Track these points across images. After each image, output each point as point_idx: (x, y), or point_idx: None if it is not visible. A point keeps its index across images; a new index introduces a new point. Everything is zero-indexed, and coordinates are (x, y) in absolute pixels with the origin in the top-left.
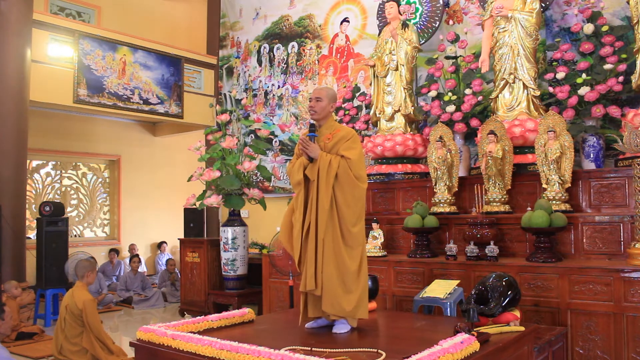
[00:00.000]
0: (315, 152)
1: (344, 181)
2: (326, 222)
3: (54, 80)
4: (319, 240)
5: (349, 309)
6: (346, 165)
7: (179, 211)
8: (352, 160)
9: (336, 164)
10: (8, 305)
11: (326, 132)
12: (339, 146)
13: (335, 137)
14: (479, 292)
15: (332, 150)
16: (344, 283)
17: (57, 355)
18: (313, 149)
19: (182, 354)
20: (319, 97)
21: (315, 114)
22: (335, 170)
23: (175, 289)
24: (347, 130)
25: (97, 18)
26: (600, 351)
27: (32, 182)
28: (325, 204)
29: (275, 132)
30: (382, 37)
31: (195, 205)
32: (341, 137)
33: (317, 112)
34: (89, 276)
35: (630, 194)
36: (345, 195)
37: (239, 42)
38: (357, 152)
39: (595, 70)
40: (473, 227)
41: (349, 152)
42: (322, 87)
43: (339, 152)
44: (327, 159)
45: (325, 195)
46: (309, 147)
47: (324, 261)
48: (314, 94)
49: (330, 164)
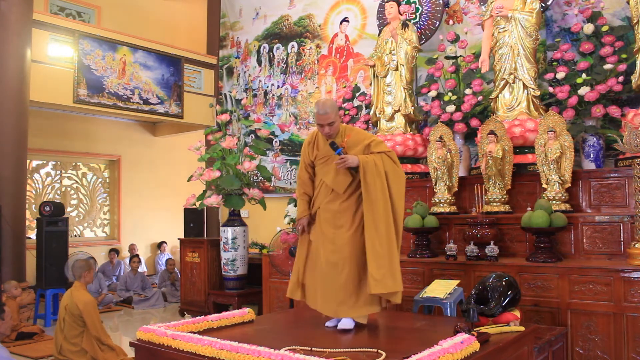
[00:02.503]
0: (354, 160)
1: (392, 172)
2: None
3: (54, 80)
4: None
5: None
6: (388, 159)
7: (179, 211)
8: (392, 152)
9: (381, 162)
10: (8, 305)
11: (339, 140)
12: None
13: (349, 143)
14: (479, 292)
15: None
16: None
17: (57, 356)
18: (351, 159)
19: (182, 354)
20: (330, 122)
21: (332, 136)
22: (383, 169)
23: (175, 289)
24: (354, 132)
25: (97, 18)
26: (600, 351)
27: (32, 182)
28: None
29: (275, 132)
30: (382, 37)
31: (195, 205)
32: (356, 141)
33: (333, 132)
34: (87, 276)
35: (630, 194)
36: (398, 187)
37: (238, 42)
38: (385, 143)
39: (595, 70)
40: (473, 227)
41: (381, 146)
42: (327, 110)
43: (373, 151)
44: (370, 161)
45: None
46: (347, 160)
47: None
48: (325, 120)
49: (375, 164)
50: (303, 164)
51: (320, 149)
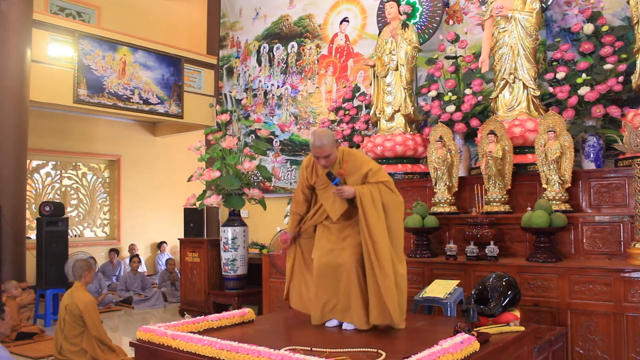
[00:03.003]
0: (350, 192)
1: (389, 203)
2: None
3: (54, 80)
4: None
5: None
6: (386, 189)
7: (179, 211)
8: (390, 181)
9: (377, 193)
10: (8, 305)
11: (337, 167)
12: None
13: (348, 170)
14: (479, 292)
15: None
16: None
17: (57, 356)
18: (347, 191)
19: (182, 354)
20: (326, 154)
21: (329, 166)
22: (379, 200)
23: (175, 289)
24: (356, 156)
25: (97, 18)
26: (600, 351)
27: (32, 182)
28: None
29: (276, 132)
30: (382, 37)
31: (195, 205)
32: (355, 167)
33: (330, 164)
34: (87, 276)
35: (630, 194)
36: (396, 216)
37: (238, 42)
38: (383, 171)
39: (595, 70)
40: (473, 227)
41: (379, 175)
42: (323, 141)
43: (369, 181)
44: (367, 193)
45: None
46: (344, 192)
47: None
48: (320, 153)
49: (372, 196)
50: (300, 186)
51: (320, 176)
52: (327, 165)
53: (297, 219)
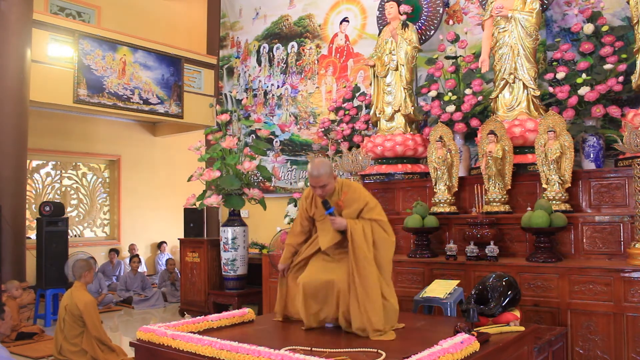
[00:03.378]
0: (342, 224)
1: (380, 242)
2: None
3: (54, 80)
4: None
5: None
6: (379, 228)
7: (179, 211)
8: (384, 221)
9: (370, 230)
10: (8, 305)
11: (335, 198)
12: (356, 210)
13: (346, 201)
14: (479, 292)
15: (349, 213)
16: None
17: (57, 356)
18: (340, 223)
19: (182, 354)
20: (322, 185)
21: (325, 197)
22: (371, 237)
23: (175, 289)
24: (355, 189)
25: (97, 18)
26: (600, 351)
27: (32, 182)
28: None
29: (276, 132)
30: (382, 37)
31: (195, 205)
32: (353, 199)
33: (326, 194)
34: (87, 276)
35: (630, 194)
36: (385, 254)
37: (238, 42)
38: (380, 209)
39: (595, 70)
40: (473, 227)
41: (374, 213)
42: (320, 171)
43: (363, 216)
44: (359, 228)
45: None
46: (335, 222)
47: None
48: (317, 183)
49: (364, 232)
50: (300, 217)
51: (318, 207)
52: (323, 196)
53: (291, 251)
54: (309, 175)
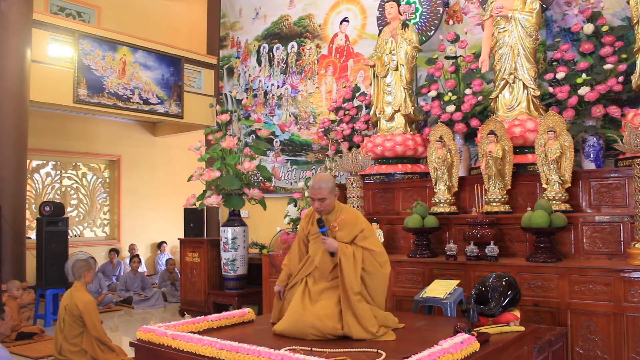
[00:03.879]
0: (333, 245)
1: (371, 271)
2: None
3: (54, 80)
4: None
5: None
6: (371, 257)
7: (179, 211)
8: (376, 252)
9: (360, 257)
10: (8, 305)
11: (332, 219)
12: (351, 235)
13: (341, 224)
14: (479, 292)
15: (342, 236)
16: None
17: (57, 356)
18: (330, 243)
19: (182, 354)
20: (322, 198)
21: (323, 212)
22: (360, 263)
23: (175, 289)
24: (354, 214)
25: (97, 18)
26: (600, 351)
27: (32, 182)
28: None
29: (276, 132)
30: (382, 37)
31: (195, 205)
32: (350, 224)
33: (324, 210)
34: (86, 276)
35: (630, 194)
36: (376, 285)
37: (238, 42)
38: (377, 241)
39: (595, 70)
40: (473, 227)
41: (367, 242)
42: (321, 185)
43: (356, 242)
44: (349, 253)
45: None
46: (326, 243)
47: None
48: (316, 194)
49: (355, 257)
50: (299, 237)
51: (314, 225)
52: (321, 210)
53: (287, 273)
54: (310, 188)
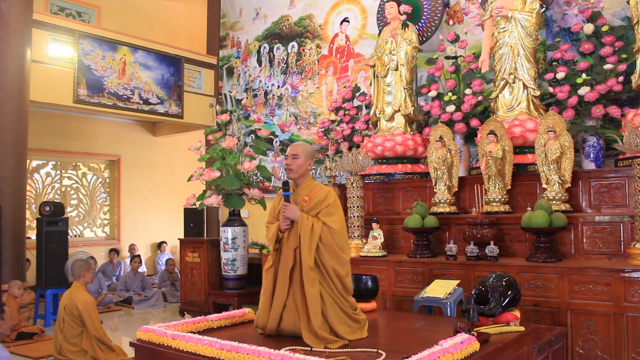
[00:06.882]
0: (294, 214)
1: (328, 248)
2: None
3: (54, 80)
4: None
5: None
6: (329, 234)
7: (179, 211)
8: (335, 230)
9: (319, 229)
10: (8, 305)
11: (303, 193)
12: (317, 209)
13: (313, 200)
14: (479, 292)
15: (309, 213)
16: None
17: (57, 356)
18: (291, 210)
19: (182, 354)
20: (295, 154)
21: (291, 172)
22: (318, 235)
23: (175, 289)
24: (326, 191)
25: (97, 18)
26: (600, 351)
27: (32, 182)
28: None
29: (276, 132)
30: (382, 37)
31: (195, 205)
32: (319, 200)
33: (293, 170)
34: (86, 276)
35: (630, 194)
36: (331, 259)
37: (239, 42)
38: (339, 220)
39: (595, 70)
40: (473, 227)
41: (330, 219)
42: (299, 144)
43: (319, 216)
44: (308, 223)
45: (309, 258)
46: (287, 209)
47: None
48: (290, 151)
49: (312, 229)
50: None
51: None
52: (290, 168)
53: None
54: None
